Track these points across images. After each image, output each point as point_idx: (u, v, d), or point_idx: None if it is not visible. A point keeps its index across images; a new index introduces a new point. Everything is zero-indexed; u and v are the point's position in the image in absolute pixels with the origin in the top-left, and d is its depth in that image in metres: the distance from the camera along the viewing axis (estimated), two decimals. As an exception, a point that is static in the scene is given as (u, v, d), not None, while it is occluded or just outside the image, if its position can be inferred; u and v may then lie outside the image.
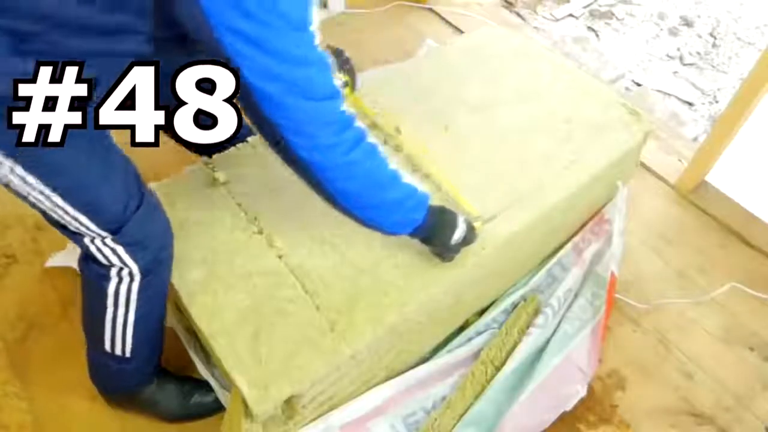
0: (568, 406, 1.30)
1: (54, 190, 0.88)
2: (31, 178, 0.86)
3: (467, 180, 1.32)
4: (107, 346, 1.13)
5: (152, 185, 1.31)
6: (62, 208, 0.91)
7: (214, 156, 1.37)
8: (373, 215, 1.03)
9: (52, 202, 0.90)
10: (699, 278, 1.56)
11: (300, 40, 0.82)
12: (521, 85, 1.51)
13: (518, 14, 2.42)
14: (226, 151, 1.41)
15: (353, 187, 0.98)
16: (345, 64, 1.30)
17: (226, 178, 1.31)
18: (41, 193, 0.88)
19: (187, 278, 1.15)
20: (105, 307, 1.06)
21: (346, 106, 0.92)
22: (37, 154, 0.82)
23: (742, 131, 1.60)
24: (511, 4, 2.45)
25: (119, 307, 1.06)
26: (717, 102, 2.12)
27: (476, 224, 1.17)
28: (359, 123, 0.95)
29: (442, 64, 1.57)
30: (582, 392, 1.31)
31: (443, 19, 2.27)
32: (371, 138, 0.97)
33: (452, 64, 1.56)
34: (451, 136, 1.40)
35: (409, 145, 1.37)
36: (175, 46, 0.91)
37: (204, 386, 1.26)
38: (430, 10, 2.29)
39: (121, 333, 1.11)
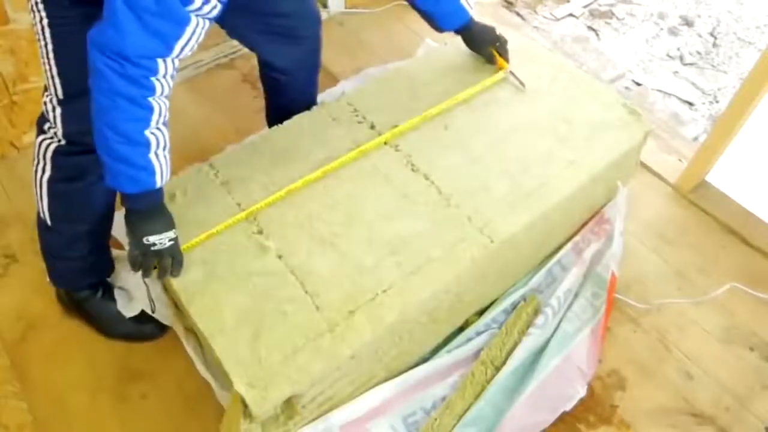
0: (568, 406, 1.30)
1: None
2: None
3: (467, 180, 1.32)
4: (37, 207, 1.26)
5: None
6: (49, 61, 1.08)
7: (215, 156, 1.37)
8: (97, 142, 1.03)
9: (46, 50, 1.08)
10: (699, 278, 1.56)
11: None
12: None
13: (518, 14, 2.42)
14: (226, 151, 1.41)
15: (95, 103, 0.99)
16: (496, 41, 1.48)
17: (225, 178, 1.31)
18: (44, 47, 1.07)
19: (187, 278, 1.15)
20: (33, 158, 1.22)
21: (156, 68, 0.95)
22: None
23: (742, 131, 1.60)
24: (511, 3, 2.45)
25: (39, 161, 1.20)
26: (717, 102, 2.12)
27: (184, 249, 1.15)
28: (154, 88, 0.97)
29: (441, 63, 1.57)
30: (582, 392, 1.31)
31: (443, 18, 2.26)
32: (151, 101, 0.98)
33: (452, 64, 1.56)
34: (451, 136, 1.40)
35: (409, 145, 1.37)
36: None
37: (143, 316, 1.37)
38: (430, 9, 2.29)
39: (38, 189, 1.23)
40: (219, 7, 0.96)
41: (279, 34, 1.38)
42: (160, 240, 1.08)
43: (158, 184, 1.07)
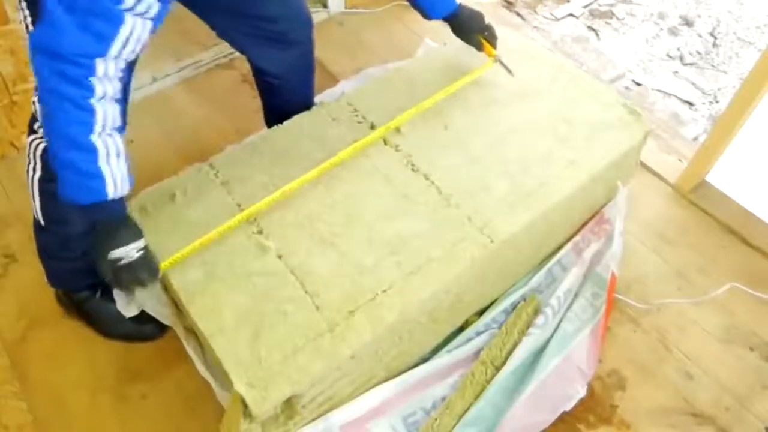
0: (568, 406, 1.30)
1: None
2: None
3: (467, 180, 1.32)
4: (32, 208, 1.25)
5: (153, 185, 1.31)
6: None
7: (215, 156, 1.37)
8: (49, 151, 1.01)
9: None
10: (699, 278, 1.56)
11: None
12: (521, 85, 1.51)
13: (518, 14, 2.42)
14: (226, 151, 1.41)
15: (43, 107, 0.97)
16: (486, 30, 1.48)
17: (225, 178, 1.31)
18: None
19: (187, 278, 1.15)
20: (26, 158, 1.19)
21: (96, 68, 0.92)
22: None
23: (742, 131, 1.60)
24: (510, 3, 2.45)
25: (30, 160, 1.18)
26: (717, 102, 2.12)
27: (163, 267, 1.09)
28: (93, 89, 0.93)
29: (441, 63, 1.57)
30: (582, 392, 1.31)
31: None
32: (92, 103, 0.94)
33: (451, 64, 1.56)
34: (451, 136, 1.40)
35: (409, 145, 1.37)
36: None
37: (143, 316, 1.33)
38: (430, 9, 2.29)
39: (31, 189, 1.21)
40: (157, 6, 0.92)
41: (268, 38, 1.36)
42: (126, 253, 1.02)
43: (110, 195, 1.00)
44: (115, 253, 1.02)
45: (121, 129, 1.02)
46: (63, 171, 0.98)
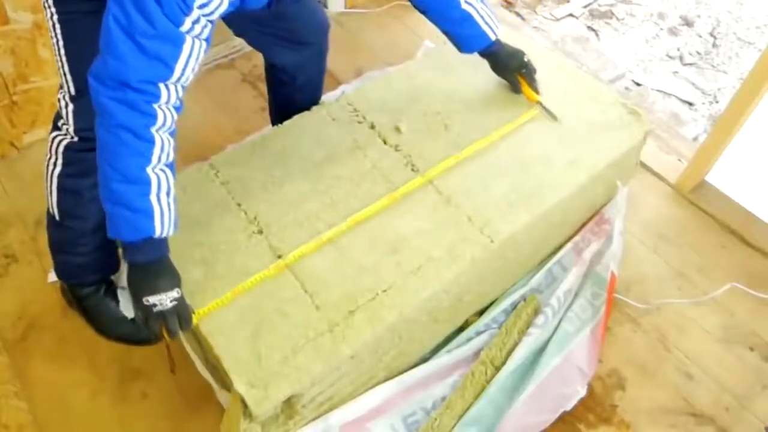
0: (568, 406, 1.30)
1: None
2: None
3: (467, 180, 1.32)
4: (47, 202, 1.28)
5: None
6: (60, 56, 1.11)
7: (215, 156, 1.37)
8: (100, 189, 1.01)
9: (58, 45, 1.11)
10: (699, 278, 1.56)
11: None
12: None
13: (518, 14, 2.42)
14: (226, 151, 1.41)
15: (99, 142, 0.98)
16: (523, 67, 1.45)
17: (225, 178, 1.31)
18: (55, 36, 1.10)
19: (187, 278, 1.15)
20: (46, 153, 1.23)
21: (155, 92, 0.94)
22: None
23: (742, 131, 1.60)
24: (510, 3, 2.45)
25: (51, 155, 1.22)
26: (717, 102, 2.12)
27: (194, 316, 1.07)
28: (156, 116, 0.95)
29: (441, 64, 1.57)
30: (582, 392, 1.31)
31: (443, 19, 2.26)
32: (153, 133, 0.95)
33: (451, 65, 1.56)
34: (451, 136, 1.40)
35: (409, 145, 1.37)
36: None
37: None
38: (430, 10, 2.29)
39: (48, 184, 1.25)
40: (209, 26, 0.95)
41: (284, 38, 1.39)
42: (160, 300, 1.01)
43: (158, 232, 0.99)
44: (151, 299, 1.01)
45: (172, 166, 1.02)
46: (114, 207, 0.98)
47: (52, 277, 1.47)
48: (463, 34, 1.38)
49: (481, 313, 1.40)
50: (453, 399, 1.26)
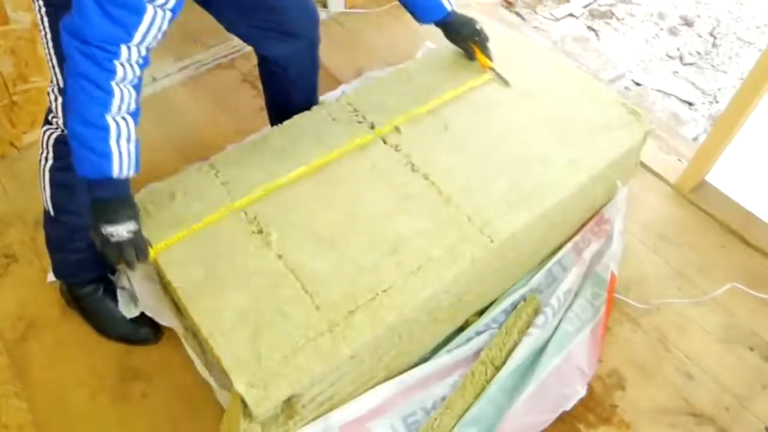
0: (568, 406, 1.30)
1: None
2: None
3: (467, 180, 1.32)
4: (41, 197, 1.30)
5: (153, 184, 1.31)
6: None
7: (215, 156, 1.37)
8: (68, 129, 1.06)
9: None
10: (699, 278, 1.56)
11: None
12: (521, 85, 1.51)
13: (518, 14, 2.42)
14: (226, 151, 1.41)
15: (66, 88, 1.03)
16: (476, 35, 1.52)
17: (225, 178, 1.31)
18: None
19: (187, 278, 1.15)
20: (39, 148, 1.26)
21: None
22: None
23: (742, 131, 1.60)
24: (510, 3, 2.45)
25: (43, 150, 1.25)
26: (717, 102, 2.12)
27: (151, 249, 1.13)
28: (115, 71, 1.00)
29: (441, 64, 1.57)
30: (582, 392, 1.31)
31: (443, 19, 2.26)
32: (113, 85, 1.00)
33: (451, 65, 1.56)
34: (451, 136, 1.40)
35: (409, 145, 1.37)
36: None
37: (143, 318, 1.38)
38: (430, 10, 2.28)
39: (42, 179, 1.27)
40: None
41: (273, 29, 1.39)
42: (117, 231, 1.06)
43: (116, 174, 1.05)
44: (108, 229, 1.06)
45: (135, 114, 1.07)
46: (79, 148, 1.04)
47: (52, 277, 1.47)
48: (422, 4, 1.46)
49: (481, 313, 1.40)
50: (453, 399, 1.26)
